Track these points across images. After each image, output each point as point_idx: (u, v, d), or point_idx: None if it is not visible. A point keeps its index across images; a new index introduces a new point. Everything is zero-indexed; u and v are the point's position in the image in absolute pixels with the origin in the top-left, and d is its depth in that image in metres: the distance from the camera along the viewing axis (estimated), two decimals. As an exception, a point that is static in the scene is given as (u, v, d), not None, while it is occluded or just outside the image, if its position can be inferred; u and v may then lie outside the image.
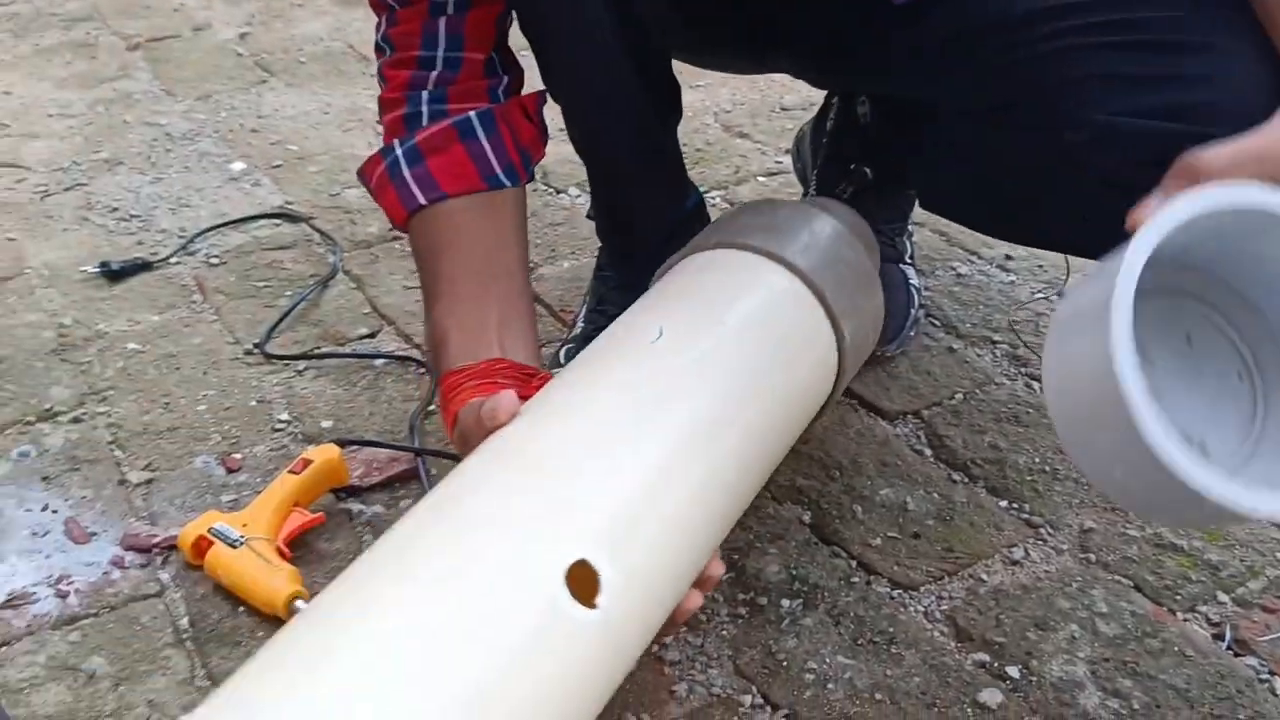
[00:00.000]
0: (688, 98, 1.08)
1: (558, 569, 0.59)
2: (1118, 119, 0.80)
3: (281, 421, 1.10)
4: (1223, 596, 0.89)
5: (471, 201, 0.93)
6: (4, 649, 0.85)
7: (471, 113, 0.93)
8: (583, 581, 0.60)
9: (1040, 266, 1.32)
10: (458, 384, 0.85)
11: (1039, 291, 1.27)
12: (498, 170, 0.93)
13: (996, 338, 1.20)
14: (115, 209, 1.49)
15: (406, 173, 0.93)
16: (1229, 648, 0.84)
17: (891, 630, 0.86)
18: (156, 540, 0.95)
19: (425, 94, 0.94)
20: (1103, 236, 0.66)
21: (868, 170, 1.18)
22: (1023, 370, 1.15)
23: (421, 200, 0.93)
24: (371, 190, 0.98)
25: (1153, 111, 0.79)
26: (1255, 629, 0.86)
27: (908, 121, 1.08)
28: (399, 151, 0.94)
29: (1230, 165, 0.62)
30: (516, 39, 0.96)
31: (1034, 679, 0.82)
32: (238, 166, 1.60)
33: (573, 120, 0.99)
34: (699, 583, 0.72)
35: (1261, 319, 0.68)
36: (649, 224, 1.07)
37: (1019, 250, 1.34)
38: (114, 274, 1.33)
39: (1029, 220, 0.95)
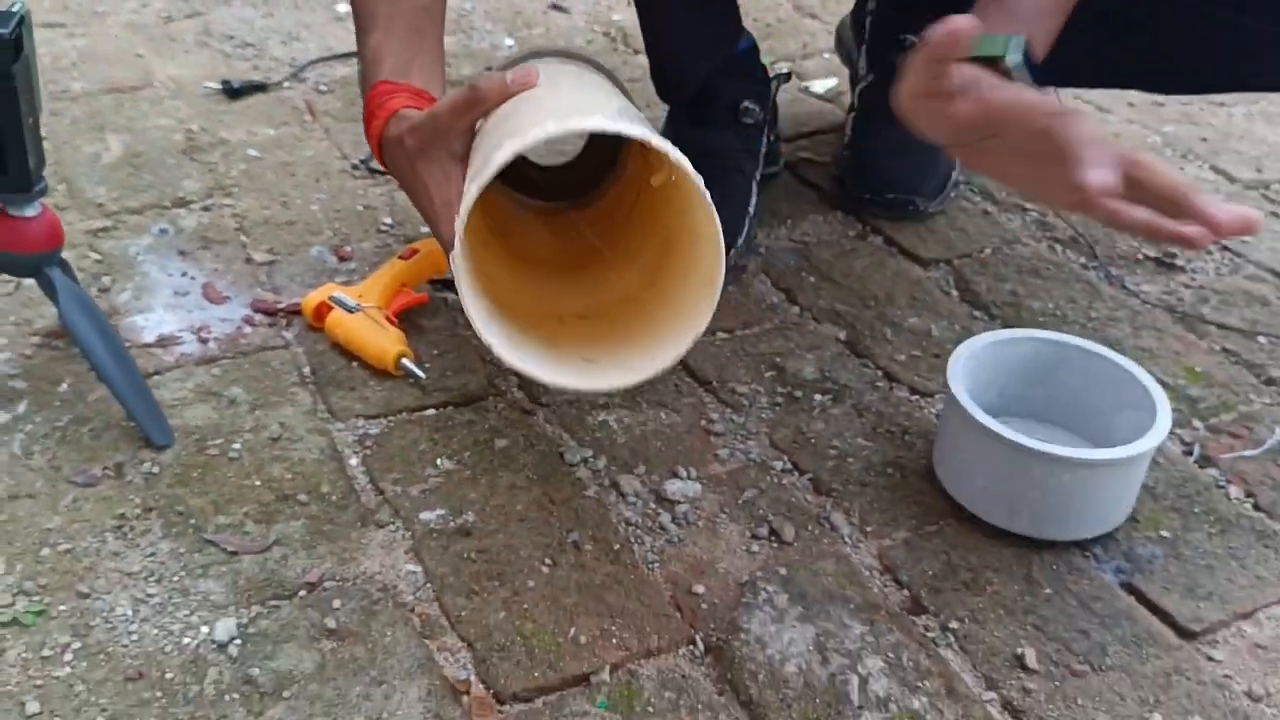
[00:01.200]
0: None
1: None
2: None
3: (385, 224, 1.25)
4: (1197, 423, 1.03)
5: None
6: (157, 376, 1.01)
7: None
8: None
9: (1075, 150, 1.44)
10: (391, 92, 0.91)
11: (1071, 170, 1.39)
12: None
13: (1028, 206, 1.32)
14: (231, 37, 1.63)
15: None
16: (1196, 461, 0.98)
17: (907, 425, 1.01)
18: (282, 305, 1.10)
19: None
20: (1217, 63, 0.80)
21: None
22: (1048, 234, 1.28)
23: None
24: None
25: None
26: (1220, 449, 1.00)
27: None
28: None
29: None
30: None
31: (1024, 470, 0.96)
32: (342, 8, 1.73)
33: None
34: None
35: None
36: (694, 62, 1.18)
37: (1057, 134, 1.46)
38: (233, 91, 1.48)
39: (1146, 57, 1.03)
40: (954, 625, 0.82)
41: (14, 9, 0.85)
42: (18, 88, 0.85)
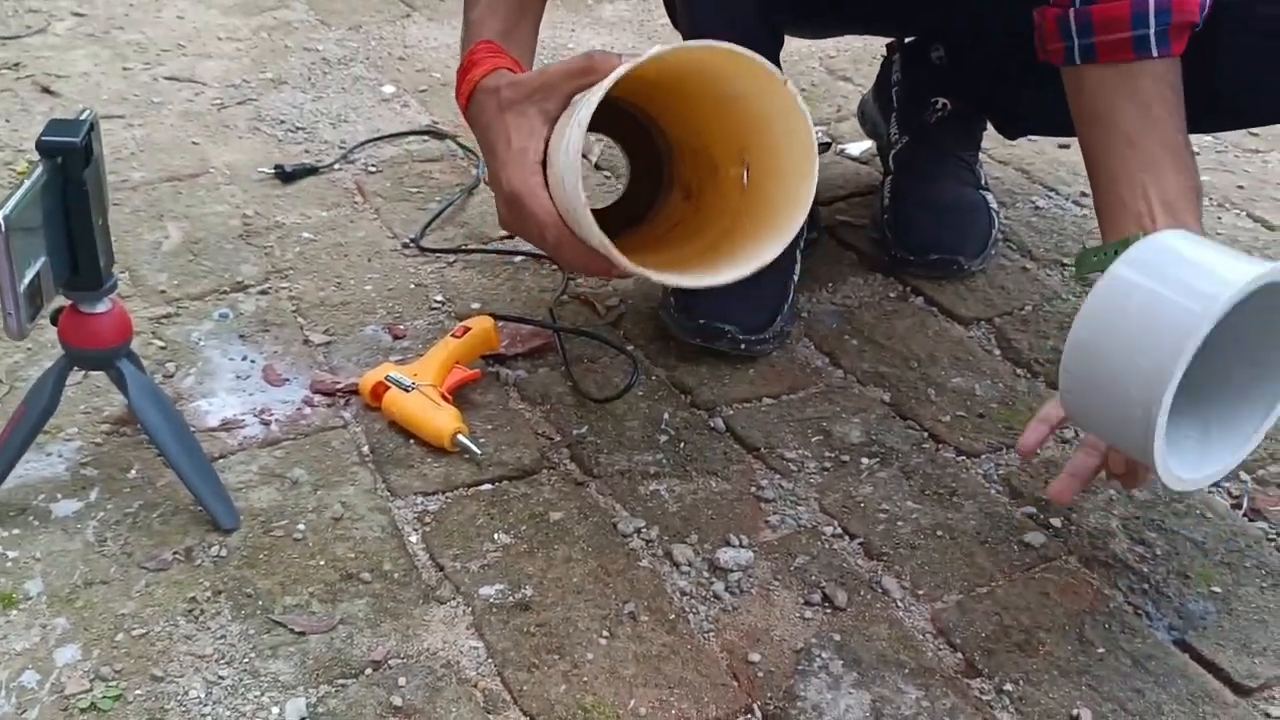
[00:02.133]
0: (795, 44, 1.24)
1: None
2: None
3: (437, 302, 1.28)
4: (1244, 475, 1.03)
5: None
6: (222, 460, 1.04)
7: None
8: None
9: (1112, 203, 1.45)
10: (496, 52, 1.00)
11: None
12: None
13: (1066, 261, 1.34)
14: (283, 121, 1.69)
15: None
16: (1245, 514, 0.99)
17: (954, 485, 1.02)
18: (340, 386, 1.14)
19: None
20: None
21: (947, 103, 1.33)
22: (1087, 290, 1.29)
23: None
24: None
25: None
26: (1270, 501, 1.00)
27: (990, 56, 1.23)
28: None
29: None
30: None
31: (1073, 528, 0.98)
32: (388, 90, 1.78)
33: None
34: None
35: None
36: None
37: (1093, 188, 1.47)
38: (286, 175, 1.53)
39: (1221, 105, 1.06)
40: (1009, 688, 0.83)
41: (83, 117, 0.90)
42: (89, 192, 0.89)
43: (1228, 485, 1.02)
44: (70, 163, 0.88)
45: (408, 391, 1.08)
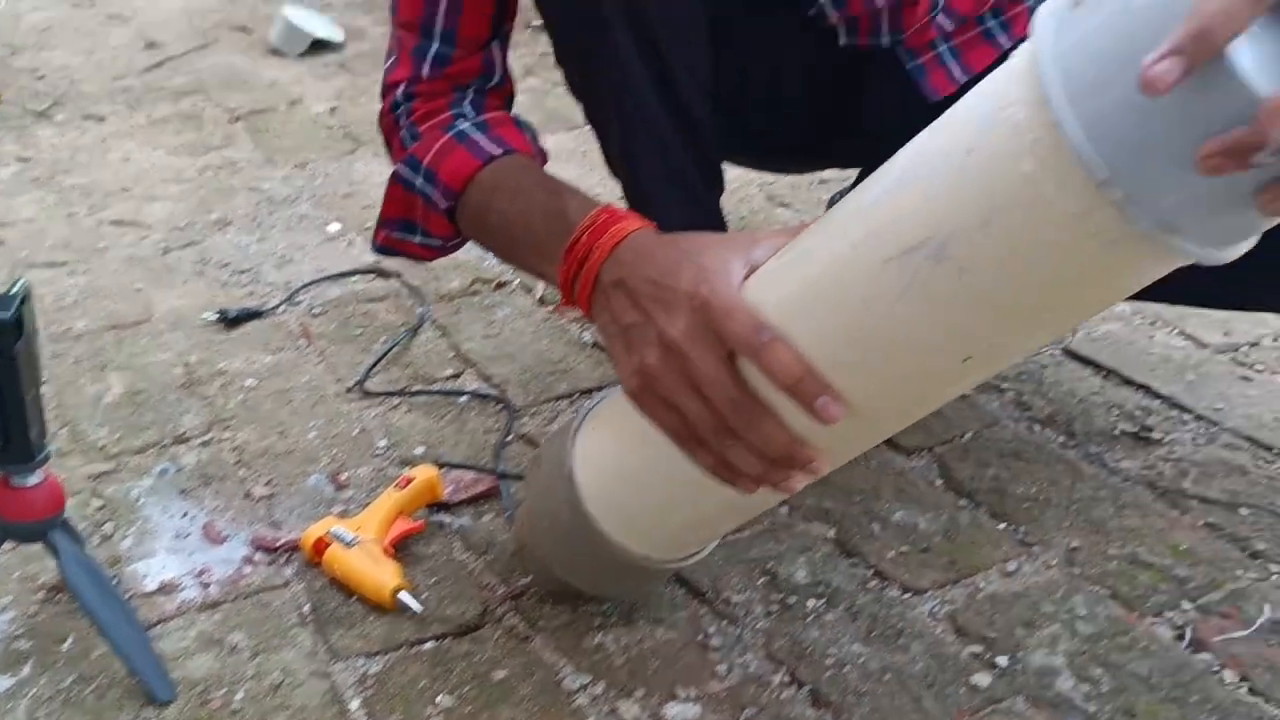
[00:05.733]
0: (733, 171, 1.26)
1: None
2: None
3: (380, 448, 1.28)
4: (1186, 604, 1.04)
5: (534, 162, 1.06)
6: (160, 625, 1.03)
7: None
8: None
9: (1048, 324, 1.48)
10: (621, 215, 0.87)
11: (1044, 346, 1.43)
12: (541, 157, 1.09)
13: (1004, 386, 1.36)
14: (227, 264, 1.69)
15: (477, 136, 1.04)
16: (1188, 646, 0.99)
17: (900, 625, 1.02)
18: (281, 541, 1.13)
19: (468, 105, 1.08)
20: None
21: None
22: (1026, 414, 1.31)
23: (497, 151, 1.03)
24: (420, 167, 1.06)
25: None
26: (1212, 631, 1.01)
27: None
28: (465, 125, 1.05)
29: None
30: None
31: (1019, 666, 0.97)
32: (333, 227, 1.80)
33: (629, 195, 1.16)
34: None
35: None
36: None
37: (1029, 309, 1.50)
38: (230, 320, 1.53)
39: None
40: (959, 842, 0.82)
41: (14, 291, 0.90)
42: (20, 366, 0.89)
43: (1171, 615, 1.02)
44: (1, 338, 0.88)
45: (349, 547, 1.07)
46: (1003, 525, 1.14)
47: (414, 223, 1.13)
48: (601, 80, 1.04)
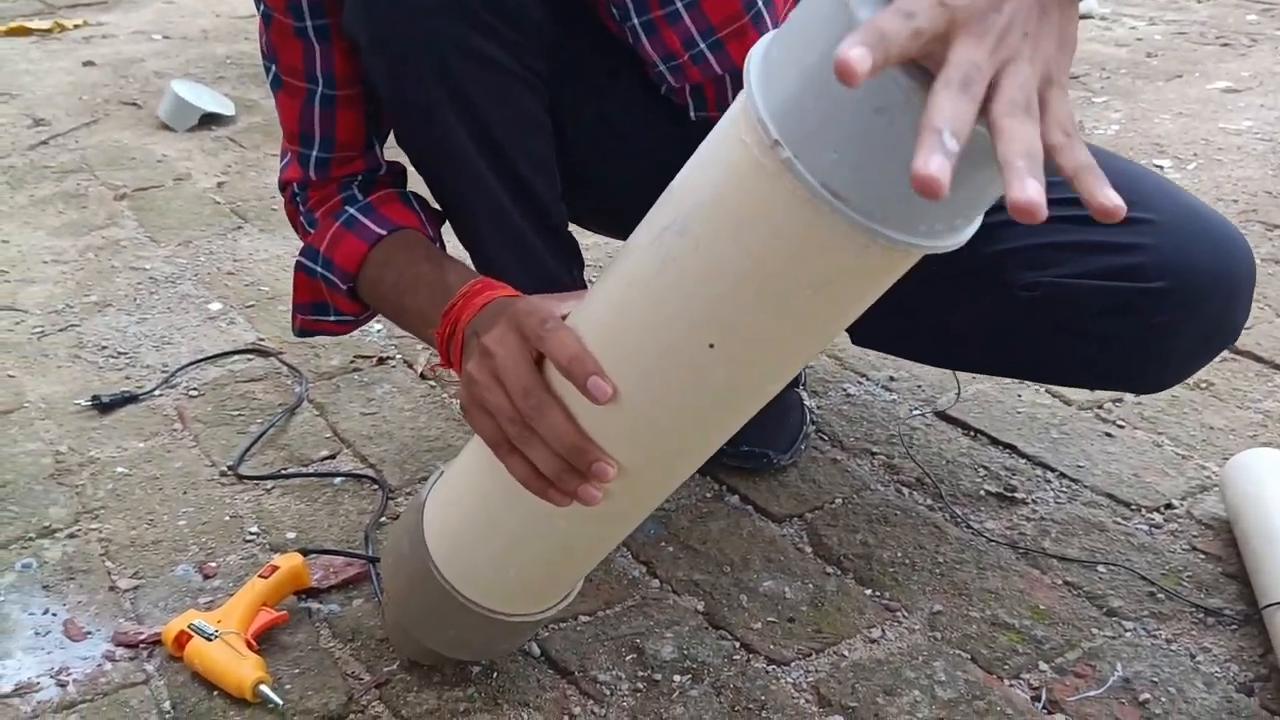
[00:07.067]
0: (594, 238, 1.28)
1: None
2: (1064, 280, 1.04)
3: (251, 534, 1.26)
4: (1044, 665, 1.06)
5: (420, 234, 1.14)
6: (13, 730, 1.00)
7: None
8: None
9: (919, 386, 1.51)
10: (494, 284, 0.99)
11: (915, 409, 1.46)
12: (429, 227, 1.16)
13: (875, 449, 1.38)
14: (104, 347, 1.67)
15: (365, 219, 1.13)
16: (1044, 707, 1.01)
17: (764, 699, 1.03)
18: (143, 636, 1.11)
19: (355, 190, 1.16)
20: (1050, 366, 1.07)
21: None
22: (895, 477, 1.33)
23: (383, 232, 1.12)
24: (318, 256, 1.15)
25: (1094, 274, 1.02)
26: (1067, 690, 1.03)
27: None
28: (353, 209, 1.13)
29: None
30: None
31: (879, 735, 0.99)
32: (215, 306, 1.78)
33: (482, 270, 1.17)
34: None
35: None
36: None
37: (901, 372, 1.53)
38: (104, 406, 1.51)
39: (973, 355, 1.20)
40: None
41: None
42: None
43: (1028, 677, 1.04)
44: None
45: (210, 640, 1.06)
46: (869, 591, 1.16)
47: (325, 303, 1.20)
48: (440, 167, 1.12)
